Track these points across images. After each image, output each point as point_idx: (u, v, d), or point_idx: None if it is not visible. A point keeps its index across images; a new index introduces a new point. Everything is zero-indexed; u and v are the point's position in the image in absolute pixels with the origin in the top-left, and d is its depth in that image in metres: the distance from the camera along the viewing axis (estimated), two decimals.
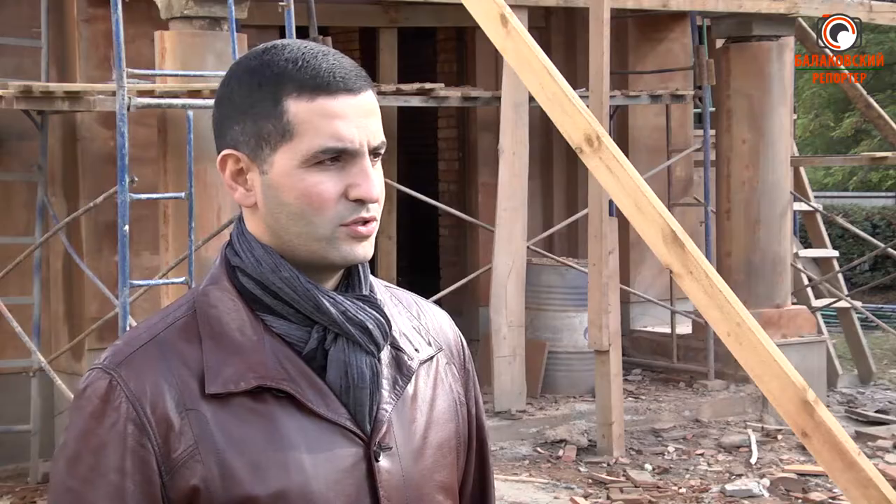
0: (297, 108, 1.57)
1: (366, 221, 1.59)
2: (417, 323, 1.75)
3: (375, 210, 1.61)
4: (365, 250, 1.61)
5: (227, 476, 1.53)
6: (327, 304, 1.59)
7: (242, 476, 1.53)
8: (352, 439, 1.59)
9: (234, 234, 1.65)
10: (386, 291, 1.73)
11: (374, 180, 1.59)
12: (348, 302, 1.61)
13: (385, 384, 1.64)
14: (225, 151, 1.62)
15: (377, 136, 1.60)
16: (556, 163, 11.12)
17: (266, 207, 1.60)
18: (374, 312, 1.63)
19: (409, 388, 1.68)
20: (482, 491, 1.84)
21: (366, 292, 1.65)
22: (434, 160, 11.94)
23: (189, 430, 1.54)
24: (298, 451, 1.56)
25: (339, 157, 1.57)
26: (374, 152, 1.60)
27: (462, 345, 1.82)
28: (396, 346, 1.68)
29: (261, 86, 1.58)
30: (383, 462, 1.61)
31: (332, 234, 1.58)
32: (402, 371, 1.67)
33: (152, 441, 1.53)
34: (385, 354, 1.65)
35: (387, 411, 1.63)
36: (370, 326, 1.61)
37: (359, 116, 1.58)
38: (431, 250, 12.04)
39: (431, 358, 1.73)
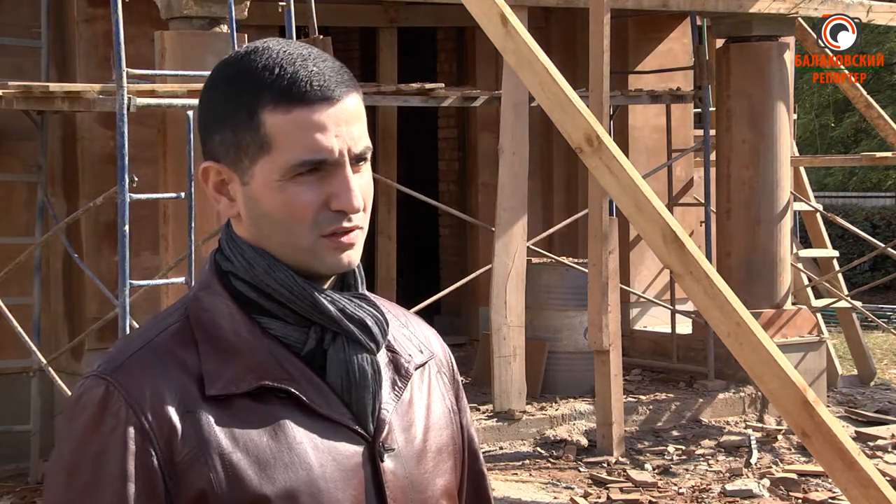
0: (273, 120, 1.54)
1: (347, 231, 1.57)
2: (407, 331, 1.73)
3: (359, 219, 1.58)
4: (350, 258, 1.58)
5: (234, 477, 1.50)
6: (325, 302, 1.58)
7: (250, 476, 1.51)
8: (355, 439, 1.58)
9: (223, 239, 1.63)
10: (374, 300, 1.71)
11: (354, 190, 1.56)
12: (346, 300, 1.60)
13: (385, 385, 1.63)
14: (205, 164, 1.61)
15: (360, 143, 1.57)
16: (556, 163, 11.12)
17: (249, 218, 1.59)
18: (371, 310, 1.62)
19: (406, 393, 1.66)
20: (479, 502, 1.81)
21: (362, 290, 1.64)
22: (434, 160, 11.95)
23: (192, 432, 1.50)
24: (304, 451, 1.54)
25: (318, 168, 1.55)
26: (357, 158, 1.58)
27: (450, 357, 1.81)
28: (392, 348, 1.67)
29: (238, 96, 1.56)
30: (387, 463, 1.60)
31: (314, 245, 1.56)
32: (400, 373, 1.66)
33: (154, 445, 1.49)
34: (382, 356, 1.64)
35: (388, 412, 1.62)
36: (370, 323, 1.60)
37: (338, 125, 1.55)
38: (431, 250, 12.04)
39: (424, 364, 1.72)
